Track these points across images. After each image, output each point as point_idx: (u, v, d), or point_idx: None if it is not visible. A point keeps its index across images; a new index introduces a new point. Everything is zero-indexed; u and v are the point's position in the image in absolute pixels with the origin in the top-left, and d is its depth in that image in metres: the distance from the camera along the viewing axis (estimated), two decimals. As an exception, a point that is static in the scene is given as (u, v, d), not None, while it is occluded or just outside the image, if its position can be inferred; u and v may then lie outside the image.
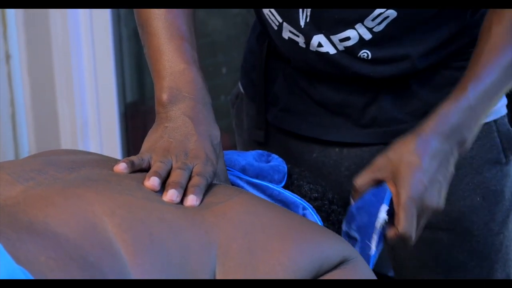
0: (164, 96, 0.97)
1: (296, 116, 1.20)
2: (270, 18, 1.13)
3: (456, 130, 1.01)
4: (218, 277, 0.80)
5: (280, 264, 0.81)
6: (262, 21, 1.18)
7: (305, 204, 0.99)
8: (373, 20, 1.05)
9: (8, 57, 2.55)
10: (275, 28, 1.13)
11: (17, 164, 0.88)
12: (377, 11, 1.03)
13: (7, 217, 0.74)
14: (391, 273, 1.51)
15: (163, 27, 1.00)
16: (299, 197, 1.00)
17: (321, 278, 0.84)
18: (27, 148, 2.62)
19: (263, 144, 1.25)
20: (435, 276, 1.20)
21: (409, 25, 1.06)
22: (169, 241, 0.78)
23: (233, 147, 1.32)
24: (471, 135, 1.03)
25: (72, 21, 2.36)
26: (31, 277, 0.62)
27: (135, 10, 1.05)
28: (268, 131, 1.24)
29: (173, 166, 0.90)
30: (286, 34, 1.12)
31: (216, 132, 0.96)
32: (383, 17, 1.04)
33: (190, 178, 0.89)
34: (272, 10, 1.11)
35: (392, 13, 1.03)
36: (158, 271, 0.76)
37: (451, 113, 1.02)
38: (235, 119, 1.34)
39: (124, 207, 0.79)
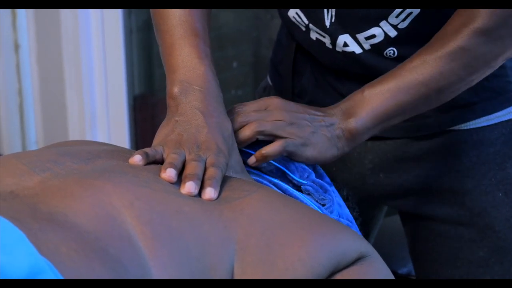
0: (175, 89, 0.98)
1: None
2: (297, 21, 1.14)
3: (347, 103, 1.04)
4: (236, 271, 0.79)
5: (299, 260, 0.80)
6: (287, 25, 1.19)
7: (316, 207, 0.99)
8: (396, 17, 1.05)
9: (17, 46, 2.55)
10: (303, 29, 1.14)
11: (32, 154, 0.88)
12: None
13: (27, 208, 0.73)
14: (401, 271, 1.52)
15: (177, 25, 1.02)
16: (313, 200, 1.00)
17: (339, 273, 0.84)
18: (34, 138, 2.62)
19: None
20: (455, 271, 1.20)
21: (434, 21, 1.05)
22: (188, 234, 0.78)
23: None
24: (361, 114, 1.03)
25: (82, 11, 2.36)
26: (54, 268, 0.62)
27: (151, 9, 1.07)
28: None
29: (187, 158, 0.90)
30: (314, 35, 1.14)
31: (227, 124, 0.97)
32: (407, 14, 1.05)
33: (204, 170, 0.89)
34: (299, 12, 1.12)
35: (415, 9, 1.03)
36: (177, 264, 0.75)
37: (352, 94, 1.04)
38: None
39: (142, 200, 0.79)
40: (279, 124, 0.99)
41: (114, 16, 2.39)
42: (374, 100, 1.02)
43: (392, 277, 0.89)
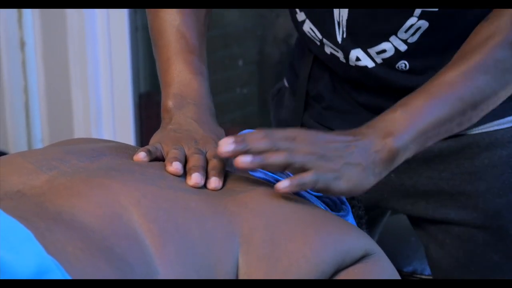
0: (170, 103, 1.01)
1: (339, 115, 1.21)
2: (312, 35, 1.15)
3: (381, 122, 0.95)
4: (241, 266, 0.80)
5: (304, 257, 0.81)
6: (304, 38, 1.20)
7: (322, 207, 0.99)
8: (406, 31, 1.06)
9: (22, 44, 2.55)
10: (318, 43, 1.16)
11: (38, 153, 0.88)
12: (408, 22, 1.04)
13: (34, 207, 0.74)
14: (407, 269, 1.52)
15: (174, 40, 1.05)
16: (322, 204, 1.00)
17: (344, 271, 0.84)
18: (40, 136, 2.62)
19: None
20: (469, 276, 1.20)
21: (443, 34, 1.06)
22: (194, 230, 0.79)
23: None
24: (399, 132, 0.95)
25: (88, 9, 2.36)
26: (61, 268, 0.62)
27: (149, 23, 1.09)
28: (303, 125, 1.25)
29: (187, 152, 0.92)
30: (328, 49, 1.15)
31: (221, 131, 1.00)
32: (415, 28, 1.05)
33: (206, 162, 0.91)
34: (313, 27, 1.14)
35: (423, 23, 1.04)
36: (183, 260, 0.76)
37: (384, 113, 0.97)
38: (274, 111, 1.37)
39: (149, 197, 0.79)
40: (310, 158, 0.89)
41: (120, 14, 2.40)
42: (410, 117, 0.95)
43: (397, 275, 0.89)
